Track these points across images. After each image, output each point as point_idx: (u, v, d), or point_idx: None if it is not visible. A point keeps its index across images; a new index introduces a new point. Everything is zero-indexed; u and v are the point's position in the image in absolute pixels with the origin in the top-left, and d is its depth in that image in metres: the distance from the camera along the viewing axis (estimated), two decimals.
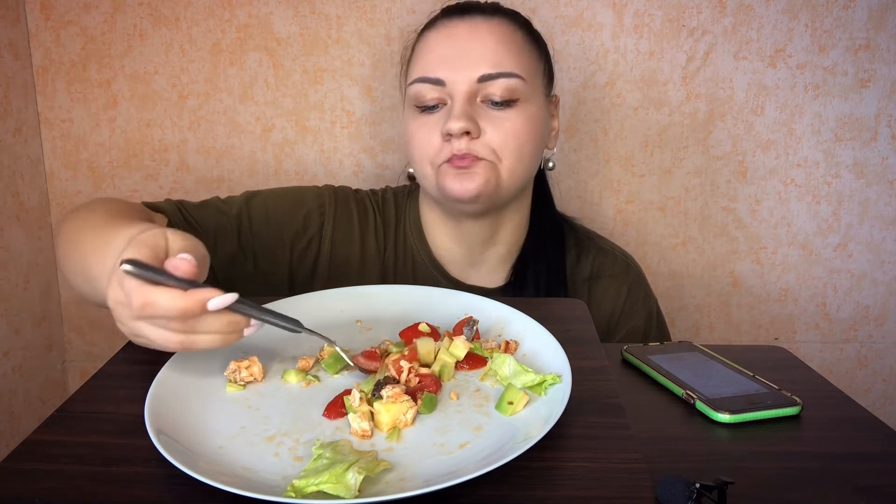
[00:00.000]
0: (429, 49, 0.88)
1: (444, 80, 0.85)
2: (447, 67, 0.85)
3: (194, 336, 0.55)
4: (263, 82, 1.17)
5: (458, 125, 0.82)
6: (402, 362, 0.56)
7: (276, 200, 0.94)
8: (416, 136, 0.88)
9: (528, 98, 0.87)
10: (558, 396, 0.51)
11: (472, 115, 0.84)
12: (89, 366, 1.28)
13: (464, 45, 0.85)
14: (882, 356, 1.27)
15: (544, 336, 0.61)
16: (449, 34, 0.87)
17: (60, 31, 1.16)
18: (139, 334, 0.57)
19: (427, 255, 0.97)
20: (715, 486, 0.46)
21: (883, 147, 1.18)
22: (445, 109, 0.86)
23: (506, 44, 0.86)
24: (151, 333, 0.55)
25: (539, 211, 0.98)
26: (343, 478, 0.43)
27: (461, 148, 0.83)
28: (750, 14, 1.13)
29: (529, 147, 0.87)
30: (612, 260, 1.00)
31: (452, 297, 0.71)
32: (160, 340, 0.56)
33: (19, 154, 1.15)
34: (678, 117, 1.18)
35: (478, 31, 0.86)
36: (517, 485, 0.44)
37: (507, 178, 0.86)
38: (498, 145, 0.85)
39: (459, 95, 0.84)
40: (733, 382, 0.63)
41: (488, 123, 0.85)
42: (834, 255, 1.23)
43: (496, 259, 0.96)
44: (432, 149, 0.86)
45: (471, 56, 0.85)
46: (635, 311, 0.98)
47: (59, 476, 0.46)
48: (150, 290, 0.53)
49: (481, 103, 0.86)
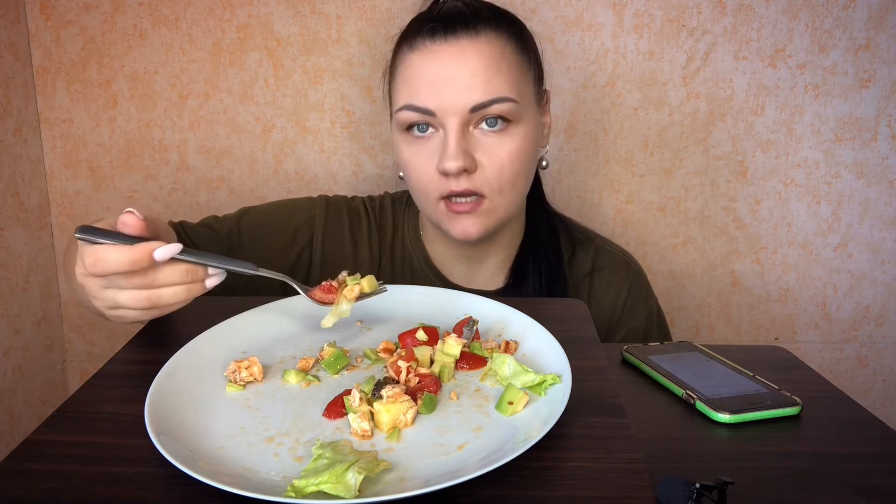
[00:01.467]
0: (413, 75, 0.84)
1: (433, 111, 0.82)
2: (436, 97, 0.82)
3: (158, 291, 0.61)
4: (263, 82, 1.17)
5: (454, 165, 0.80)
6: (400, 362, 0.56)
7: (267, 215, 0.96)
8: (412, 166, 0.86)
9: (521, 117, 0.84)
10: (558, 396, 0.51)
11: (467, 149, 0.82)
12: (89, 366, 1.28)
13: (451, 72, 0.82)
14: (882, 356, 1.27)
15: (544, 336, 0.61)
16: (434, 59, 0.83)
17: (60, 31, 1.16)
18: (111, 304, 0.62)
19: (425, 261, 0.97)
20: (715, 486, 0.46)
21: (883, 147, 1.18)
22: (438, 138, 0.84)
23: (495, 66, 0.82)
24: (120, 297, 0.61)
25: (533, 210, 0.98)
26: (343, 478, 0.43)
27: (460, 185, 0.82)
28: (750, 14, 1.13)
29: (525, 169, 0.86)
30: (611, 257, 0.99)
31: (452, 296, 0.71)
32: (129, 301, 0.61)
33: (19, 154, 1.15)
34: (678, 117, 1.18)
35: (464, 54, 0.82)
36: (517, 485, 0.44)
37: (505, 210, 0.86)
38: (495, 178, 0.83)
39: (452, 129, 0.82)
40: (733, 382, 0.63)
41: (484, 154, 0.83)
42: (834, 255, 1.23)
43: (495, 264, 0.96)
44: (430, 181, 0.85)
45: (460, 84, 0.81)
46: (636, 310, 0.97)
47: (59, 476, 0.46)
48: (99, 248, 0.59)
49: (474, 129, 0.83)
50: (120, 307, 0.62)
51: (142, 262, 0.59)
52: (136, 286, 0.60)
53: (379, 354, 0.61)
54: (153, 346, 0.65)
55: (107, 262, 0.58)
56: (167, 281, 0.61)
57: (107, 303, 0.63)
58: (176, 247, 0.60)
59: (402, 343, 0.62)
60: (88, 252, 0.59)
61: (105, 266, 0.58)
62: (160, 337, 0.67)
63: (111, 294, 0.61)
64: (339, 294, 0.64)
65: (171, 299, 0.61)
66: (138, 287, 0.60)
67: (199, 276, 0.62)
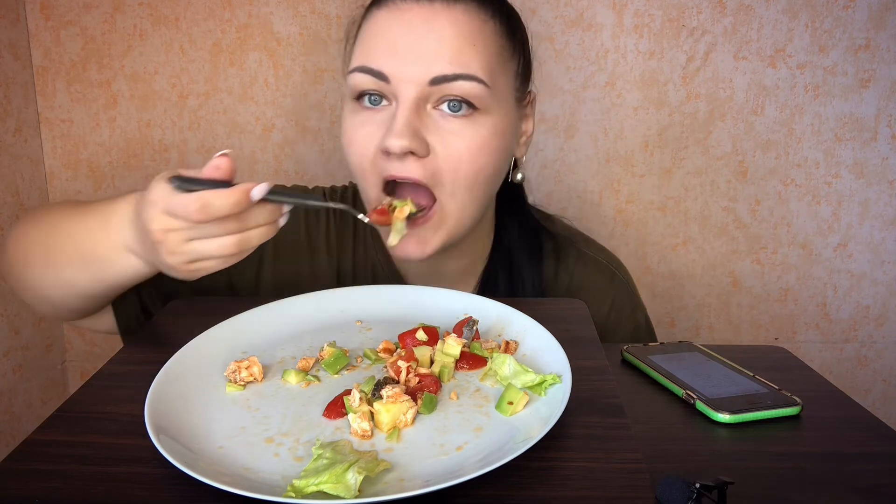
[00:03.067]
0: (374, 33, 0.72)
1: (388, 76, 0.70)
2: (394, 60, 0.70)
3: (247, 234, 0.59)
4: (263, 82, 1.17)
5: (399, 143, 0.68)
6: (400, 362, 0.56)
7: None
8: (352, 140, 0.74)
9: (491, 108, 0.72)
10: (558, 396, 0.51)
11: (417, 128, 0.70)
12: (89, 366, 1.28)
13: (417, 36, 0.70)
14: (882, 356, 1.27)
15: (544, 336, 0.61)
16: (400, 18, 0.71)
17: (60, 31, 1.16)
18: (193, 257, 0.60)
19: (388, 266, 0.87)
20: (715, 486, 0.46)
21: (883, 147, 1.18)
22: (389, 111, 0.72)
23: (469, 38, 0.70)
24: (207, 247, 0.59)
25: (509, 219, 0.87)
26: (343, 478, 0.43)
27: (400, 169, 0.70)
28: (750, 14, 1.13)
29: (486, 171, 0.73)
30: (593, 267, 0.89)
31: (453, 296, 0.71)
32: (218, 250, 0.59)
33: (19, 154, 1.15)
34: (678, 117, 1.18)
35: (436, 19, 0.70)
36: (517, 485, 0.44)
37: (456, 221, 0.74)
38: (449, 170, 0.71)
39: (406, 100, 0.70)
40: (733, 382, 0.63)
41: (438, 139, 0.71)
42: (834, 255, 1.23)
43: (458, 271, 0.86)
44: (368, 159, 0.73)
45: (423, 50, 0.69)
46: (620, 325, 0.89)
47: (59, 476, 0.46)
48: (202, 193, 0.56)
49: (433, 109, 0.71)
50: (203, 258, 0.60)
51: (242, 203, 0.57)
52: (228, 231, 0.58)
53: (379, 354, 0.61)
54: (153, 346, 0.65)
55: (213, 207, 0.56)
56: (256, 222, 0.59)
57: (189, 256, 0.60)
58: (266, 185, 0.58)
59: (402, 343, 0.62)
60: (193, 198, 0.56)
61: (211, 211, 0.56)
62: (160, 337, 0.67)
63: (196, 246, 0.59)
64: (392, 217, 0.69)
65: (257, 241, 0.60)
66: (231, 232, 0.59)
67: (278, 215, 0.61)
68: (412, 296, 0.72)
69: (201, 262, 0.61)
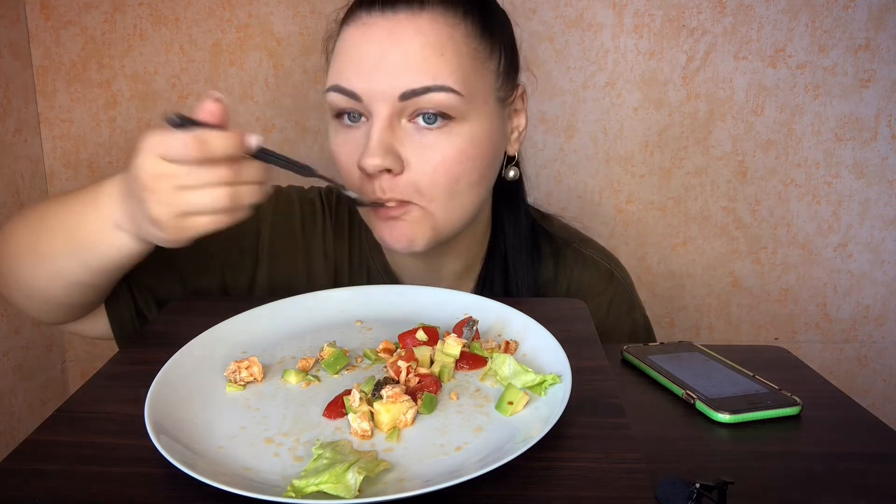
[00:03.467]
0: (344, 50, 0.72)
1: (359, 95, 0.70)
2: (363, 79, 0.70)
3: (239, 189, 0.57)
4: (263, 82, 1.17)
5: (372, 162, 0.69)
6: (400, 362, 0.56)
7: None
8: (339, 160, 0.75)
9: (467, 115, 0.71)
10: (558, 396, 0.51)
11: (390, 145, 0.70)
12: (89, 366, 1.28)
13: (383, 50, 0.69)
14: (882, 356, 1.27)
15: (544, 336, 0.61)
16: (366, 33, 0.71)
17: (60, 31, 1.16)
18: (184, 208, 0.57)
19: (383, 268, 0.86)
20: (715, 486, 0.46)
21: (883, 147, 1.18)
22: (367, 127, 0.72)
23: (437, 47, 0.69)
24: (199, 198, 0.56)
25: (504, 220, 0.86)
26: (343, 478, 0.43)
27: (383, 190, 0.71)
28: (750, 14, 1.13)
29: (468, 178, 0.73)
30: (592, 268, 0.89)
31: (453, 296, 0.71)
32: (210, 202, 0.56)
33: (19, 154, 1.15)
34: (678, 117, 1.18)
35: (400, 33, 0.69)
36: (517, 485, 0.44)
37: (443, 220, 0.74)
38: (426, 183, 0.71)
39: (378, 117, 0.70)
40: (733, 382, 0.63)
41: (413, 152, 0.70)
42: (834, 255, 1.23)
43: (454, 273, 0.86)
44: (354, 180, 0.74)
45: (390, 67, 0.69)
46: (619, 324, 0.89)
47: (59, 476, 0.46)
48: (201, 131, 0.54)
49: (408, 123, 0.71)
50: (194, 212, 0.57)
51: (239, 147, 0.55)
52: (221, 179, 0.56)
53: (379, 354, 0.61)
54: (153, 346, 0.65)
55: (211, 145, 0.54)
56: (249, 176, 0.57)
57: (179, 207, 0.56)
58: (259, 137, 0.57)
59: (402, 343, 0.62)
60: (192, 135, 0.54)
61: (209, 149, 0.54)
62: (160, 337, 0.67)
63: (188, 196, 0.56)
64: None
65: (249, 198, 0.58)
66: (224, 181, 0.56)
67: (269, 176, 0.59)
68: (412, 296, 0.72)
69: (192, 217, 0.58)
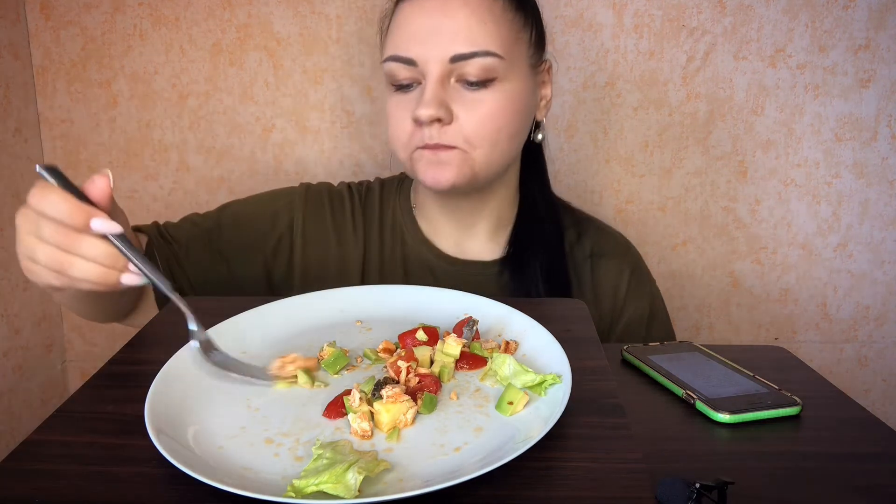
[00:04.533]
0: (400, 24, 0.83)
1: (415, 60, 0.81)
2: (418, 46, 0.81)
3: (73, 258, 0.59)
4: (263, 82, 1.17)
5: (427, 112, 0.79)
6: (400, 362, 0.56)
7: (247, 205, 0.96)
8: (392, 117, 0.86)
9: (507, 75, 0.82)
10: (558, 396, 0.51)
11: (443, 99, 0.81)
12: (89, 366, 1.28)
13: (435, 22, 0.80)
14: (882, 356, 1.27)
15: (544, 336, 0.61)
16: (421, 7, 0.82)
17: (60, 31, 1.16)
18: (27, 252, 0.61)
19: (416, 234, 0.95)
20: (715, 486, 0.46)
21: (883, 147, 1.18)
22: (419, 90, 0.83)
23: (481, 18, 0.80)
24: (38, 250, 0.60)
25: (530, 186, 0.96)
26: (343, 478, 0.43)
27: (432, 136, 0.81)
28: (750, 14, 1.13)
29: (508, 129, 0.84)
30: (612, 240, 0.98)
31: (453, 297, 0.71)
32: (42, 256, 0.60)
33: (19, 154, 1.15)
34: (678, 117, 1.18)
35: (451, 5, 0.81)
36: (517, 485, 0.44)
37: (482, 166, 0.84)
38: (472, 132, 0.81)
39: (431, 78, 0.81)
40: (733, 382, 0.63)
41: (462, 107, 0.81)
42: (834, 255, 1.23)
43: (486, 231, 0.94)
44: (405, 133, 0.84)
45: (442, 34, 0.80)
46: (641, 293, 0.96)
47: (59, 476, 0.46)
48: (49, 186, 0.59)
49: (456, 83, 0.82)
50: (33, 259, 0.62)
51: (76, 221, 0.58)
52: (56, 243, 0.59)
53: (379, 354, 0.61)
54: (153, 346, 0.65)
55: (47, 202, 0.58)
56: (86, 253, 0.59)
57: (26, 249, 0.62)
58: (114, 227, 0.59)
59: (402, 343, 0.62)
60: (40, 185, 0.59)
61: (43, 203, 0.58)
62: (160, 337, 0.67)
63: (31, 242, 0.61)
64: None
65: (79, 273, 0.60)
66: (57, 245, 0.59)
67: (117, 266, 0.60)
68: (412, 296, 0.72)
69: (32, 263, 0.62)
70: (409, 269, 0.94)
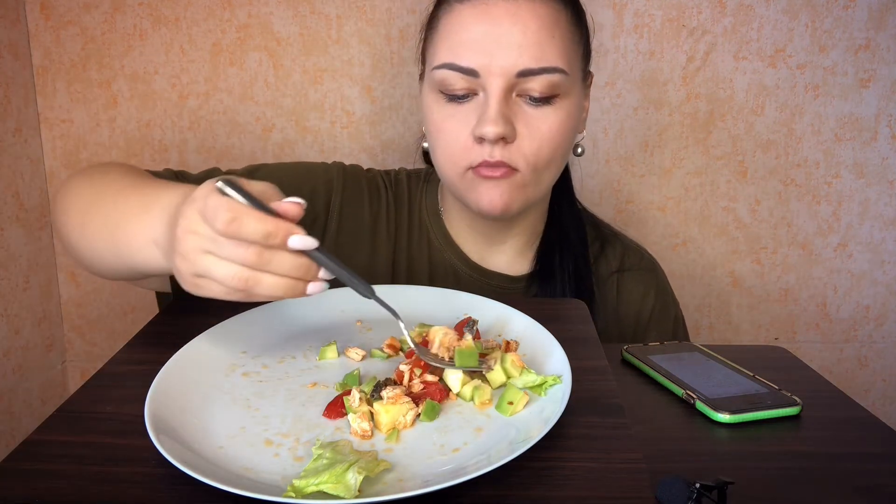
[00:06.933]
0: (460, 28, 0.76)
1: (477, 72, 0.75)
2: (482, 56, 0.74)
3: (261, 275, 0.53)
4: (263, 82, 1.17)
5: (494, 130, 0.74)
6: (402, 366, 0.56)
7: (282, 174, 0.89)
8: (443, 129, 0.79)
9: (568, 92, 0.78)
10: (558, 396, 0.51)
11: (508, 116, 0.75)
12: (89, 366, 1.28)
13: (503, 31, 0.74)
14: (882, 356, 1.27)
15: (544, 336, 0.61)
16: (486, 13, 0.75)
17: (60, 31, 1.16)
18: (200, 271, 0.55)
19: (444, 238, 0.91)
20: (715, 486, 0.46)
21: (883, 147, 1.18)
22: (477, 102, 0.77)
23: (550, 31, 0.75)
24: (216, 268, 0.54)
25: (559, 199, 0.93)
26: (343, 478, 0.43)
27: (494, 155, 0.76)
28: (750, 14, 1.13)
29: (563, 148, 0.80)
30: (637, 257, 0.96)
31: (453, 296, 0.71)
32: (224, 277, 0.53)
33: (19, 154, 1.15)
34: (678, 117, 1.18)
35: (520, 14, 0.74)
36: (517, 485, 0.44)
37: (535, 190, 0.81)
38: (533, 153, 0.77)
39: (495, 92, 0.75)
40: (733, 382, 0.63)
41: (524, 125, 0.76)
42: (834, 255, 1.23)
43: (515, 247, 0.91)
44: (460, 147, 0.78)
45: (510, 45, 0.74)
46: (667, 314, 0.94)
47: (59, 476, 0.46)
48: (241, 207, 0.52)
49: (517, 97, 0.77)
50: (209, 278, 0.55)
51: (276, 239, 0.52)
52: (244, 262, 0.53)
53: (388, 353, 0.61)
54: (153, 346, 0.65)
55: (242, 225, 0.51)
56: (278, 267, 0.53)
57: (196, 268, 0.55)
58: (312, 242, 0.54)
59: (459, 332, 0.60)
60: (229, 206, 0.52)
61: (239, 228, 0.51)
62: (160, 337, 0.67)
63: (208, 262, 0.54)
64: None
65: (267, 290, 0.54)
66: (245, 264, 0.53)
67: (307, 277, 0.55)
68: (412, 296, 0.72)
69: (206, 280, 0.56)
70: (434, 273, 0.90)
